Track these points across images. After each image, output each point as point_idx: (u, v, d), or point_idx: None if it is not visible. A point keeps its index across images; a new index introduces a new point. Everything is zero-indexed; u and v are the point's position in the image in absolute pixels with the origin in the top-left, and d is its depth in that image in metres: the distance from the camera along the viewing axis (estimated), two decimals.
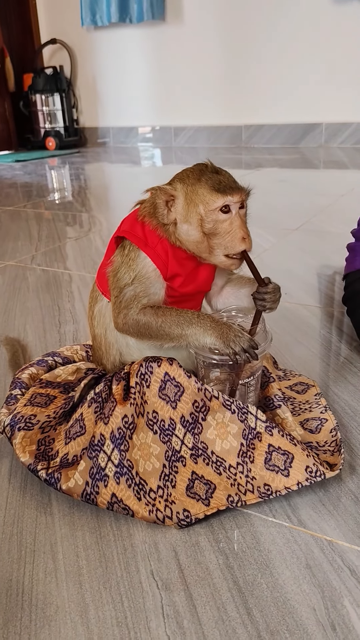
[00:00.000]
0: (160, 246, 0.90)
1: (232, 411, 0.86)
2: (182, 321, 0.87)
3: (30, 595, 0.72)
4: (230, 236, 0.87)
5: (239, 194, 0.87)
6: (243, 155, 4.50)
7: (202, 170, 0.89)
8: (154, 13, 4.94)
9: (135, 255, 0.90)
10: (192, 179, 0.88)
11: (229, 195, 0.86)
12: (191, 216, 0.88)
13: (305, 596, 0.69)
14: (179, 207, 0.89)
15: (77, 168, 4.41)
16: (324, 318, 1.48)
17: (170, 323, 0.87)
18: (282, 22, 4.53)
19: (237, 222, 0.87)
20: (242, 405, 0.87)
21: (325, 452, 0.92)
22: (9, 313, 1.62)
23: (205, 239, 0.88)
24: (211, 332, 0.86)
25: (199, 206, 0.87)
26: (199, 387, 0.86)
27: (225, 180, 0.88)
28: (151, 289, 0.90)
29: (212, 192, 0.86)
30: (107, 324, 0.97)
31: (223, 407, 0.86)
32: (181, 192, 0.89)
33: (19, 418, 0.96)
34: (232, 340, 0.84)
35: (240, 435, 0.86)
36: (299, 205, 2.74)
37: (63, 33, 5.61)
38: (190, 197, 0.88)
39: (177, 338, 0.88)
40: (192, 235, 0.89)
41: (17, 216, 2.86)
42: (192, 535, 0.80)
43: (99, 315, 0.99)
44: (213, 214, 0.87)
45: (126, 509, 0.83)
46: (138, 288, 0.89)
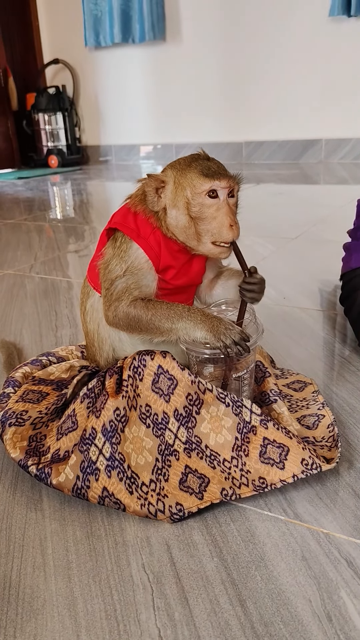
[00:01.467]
0: (152, 237, 0.89)
1: (227, 404, 0.85)
2: (172, 315, 0.86)
3: (17, 589, 0.70)
4: (217, 222, 0.86)
5: (227, 180, 0.87)
6: (244, 171, 4.50)
7: (194, 157, 0.89)
8: (155, 33, 5.02)
9: (127, 246, 0.89)
10: (182, 165, 0.89)
11: (216, 180, 0.86)
12: (179, 200, 0.87)
13: (301, 588, 0.67)
14: (168, 192, 0.88)
15: (78, 184, 4.44)
16: (322, 320, 1.47)
17: (160, 316, 0.86)
18: (280, 40, 4.59)
19: (224, 208, 0.87)
20: (237, 399, 0.85)
21: (322, 447, 0.90)
22: (5, 318, 1.61)
23: (193, 224, 0.87)
24: (201, 326, 0.85)
25: (186, 189, 0.87)
26: (192, 380, 0.85)
27: (214, 167, 0.87)
28: (143, 280, 0.89)
29: (199, 176, 0.86)
30: (99, 319, 0.96)
31: (217, 401, 0.85)
32: (171, 177, 0.88)
33: (10, 414, 0.94)
34: (223, 333, 0.83)
35: (235, 429, 0.84)
36: (298, 216, 2.75)
37: (65, 53, 5.69)
38: (179, 181, 0.87)
39: (167, 332, 0.87)
40: (180, 220, 0.88)
41: (17, 228, 2.87)
42: (185, 529, 0.78)
43: (92, 311, 0.98)
44: (200, 197, 0.86)
45: (117, 503, 0.81)
46: (130, 280, 0.88)
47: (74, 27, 5.51)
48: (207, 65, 4.98)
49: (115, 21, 5.12)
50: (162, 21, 5.03)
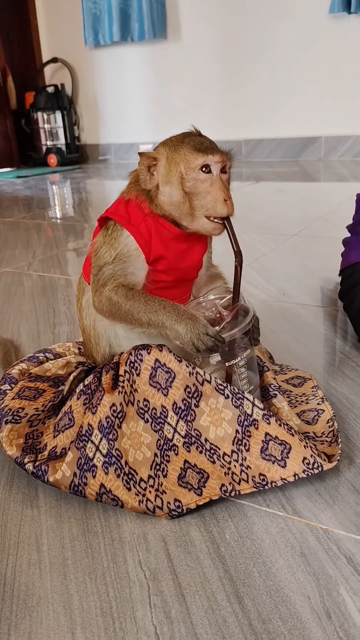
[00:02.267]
0: (143, 224, 0.88)
1: (226, 396, 0.84)
2: (149, 309, 0.85)
3: (12, 586, 0.69)
4: (212, 197, 0.86)
5: (220, 155, 0.86)
6: (243, 169, 4.52)
7: (186, 134, 0.89)
8: (155, 31, 5.01)
9: (118, 234, 0.88)
10: (175, 142, 0.88)
11: (209, 154, 0.85)
12: (172, 176, 0.86)
13: (300, 584, 0.66)
14: (161, 169, 0.88)
15: (77, 183, 4.43)
16: (322, 317, 1.46)
17: (138, 309, 0.85)
18: (280, 37, 4.58)
19: (218, 183, 0.86)
20: (237, 391, 0.84)
21: (322, 442, 0.89)
22: (3, 316, 1.60)
23: (187, 199, 0.86)
24: (176, 327, 0.84)
25: (180, 165, 0.86)
26: (190, 372, 0.84)
27: (207, 142, 0.87)
28: (130, 268, 0.88)
29: (193, 151, 0.86)
30: (95, 315, 0.95)
31: (216, 392, 0.84)
32: (163, 154, 0.88)
33: (6, 411, 0.93)
34: (196, 337, 0.82)
35: (235, 422, 0.83)
36: (298, 213, 2.74)
37: (64, 52, 5.68)
38: (172, 157, 0.87)
39: (145, 325, 0.86)
40: (174, 196, 0.87)
41: (16, 227, 2.86)
42: (182, 525, 0.77)
43: (87, 307, 0.97)
44: (193, 172, 0.86)
45: (115, 499, 0.80)
46: (117, 267, 0.87)
47: (73, 26, 5.50)
48: (206, 63, 4.97)
49: (114, 20, 5.11)
50: (163, 19, 5.01)
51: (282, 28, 4.55)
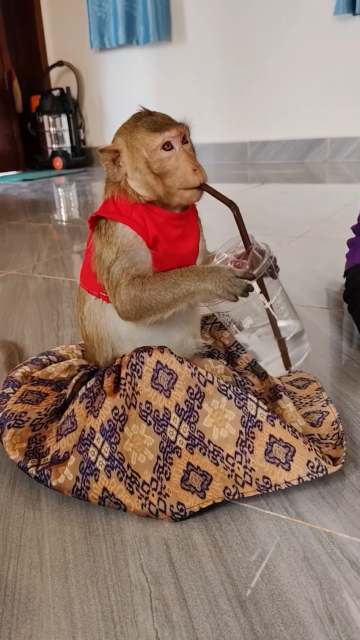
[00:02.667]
0: (135, 213, 0.87)
1: (229, 397, 0.83)
2: (168, 285, 0.83)
3: (13, 589, 0.68)
4: (181, 171, 0.85)
5: (176, 128, 0.85)
6: (249, 171, 4.51)
7: (136, 117, 0.88)
8: (160, 34, 5.02)
9: (113, 229, 0.87)
10: (128, 128, 0.87)
11: (166, 131, 0.84)
12: (138, 162, 0.86)
13: (302, 589, 0.65)
14: (125, 158, 0.87)
15: (83, 186, 4.44)
16: (327, 318, 1.45)
17: (159, 291, 0.83)
18: (285, 39, 4.57)
19: (182, 156, 0.85)
20: (240, 391, 0.84)
21: (327, 445, 0.88)
22: (7, 319, 1.60)
23: (159, 180, 0.86)
24: (203, 286, 0.82)
25: (141, 150, 0.85)
26: (192, 372, 0.84)
27: (159, 120, 0.86)
28: (136, 257, 0.87)
29: (149, 132, 0.85)
30: (97, 320, 0.95)
31: (219, 393, 0.83)
32: (122, 144, 0.87)
33: (9, 415, 0.93)
34: (229, 286, 0.80)
35: (239, 423, 0.83)
36: (303, 215, 2.73)
37: (70, 55, 5.70)
38: (132, 144, 0.86)
39: (173, 303, 0.84)
40: (147, 179, 0.86)
41: (21, 229, 2.87)
42: (184, 529, 0.76)
43: (89, 314, 0.96)
44: (156, 153, 0.85)
45: (118, 503, 0.80)
46: (123, 260, 0.86)
47: (78, 29, 5.52)
48: (211, 66, 4.97)
49: (119, 23, 5.12)
50: (168, 22, 5.02)
51: (286, 30, 4.55)
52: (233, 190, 3.44)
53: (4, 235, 2.76)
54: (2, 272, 2.09)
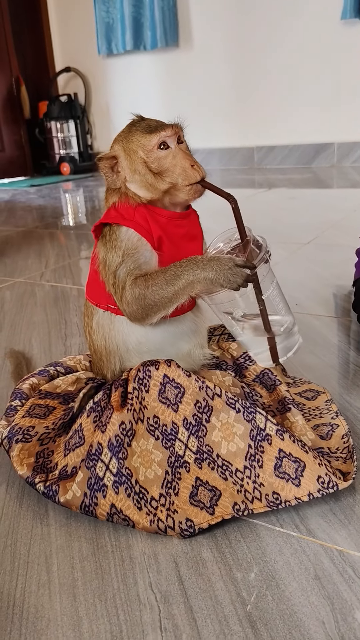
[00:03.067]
0: (137, 215, 0.88)
1: (237, 410, 0.82)
2: (168, 278, 0.83)
3: (21, 608, 0.68)
4: (180, 168, 0.87)
5: (171, 128, 0.87)
6: (256, 176, 4.51)
7: (131, 123, 0.90)
8: (167, 40, 5.03)
9: (117, 234, 0.88)
10: (124, 134, 0.90)
11: (161, 131, 0.87)
12: (136, 164, 0.87)
13: (314, 608, 0.64)
14: (123, 163, 0.89)
15: (90, 191, 4.45)
16: (336, 327, 1.44)
17: (160, 284, 0.84)
18: (291, 44, 4.57)
19: (179, 154, 0.87)
20: (249, 404, 0.83)
21: (337, 459, 0.87)
22: (15, 327, 1.60)
23: (159, 179, 0.87)
24: (203, 275, 0.82)
25: (138, 152, 0.87)
26: (200, 386, 0.83)
27: (154, 123, 0.89)
28: (141, 258, 0.87)
29: (144, 134, 0.87)
30: (107, 333, 0.94)
31: (227, 406, 0.83)
32: (119, 150, 0.89)
33: (17, 430, 0.93)
34: (230, 275, 0.80)
35: (248, 436, 0.82)
36: (310, 221, 2.72)
37: (77, 61, 5.72)
38: (129, 148, 0.88)
39: (176, 297, 0.84)
40: (147, 180, 0.87)
41: (29, 236, 2.87)
42: (194, 546, 0.76)
43: (98, 327, 0.96)
44: (153, 153, 0.87)
45: (126, 519, 0.79)
46: (128, 263, 0.87)
47: (86, 35, 5.54)
48: (218, 71, 4.97)
49: (127, 29, 5.14)
50: (175, 28, 5.03)
51: (293, 35, 4.54)
52: (240, 196, 3.42)
53: (12, 242, 2.76)
54: (9, 280, 2.10)
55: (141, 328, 0.91)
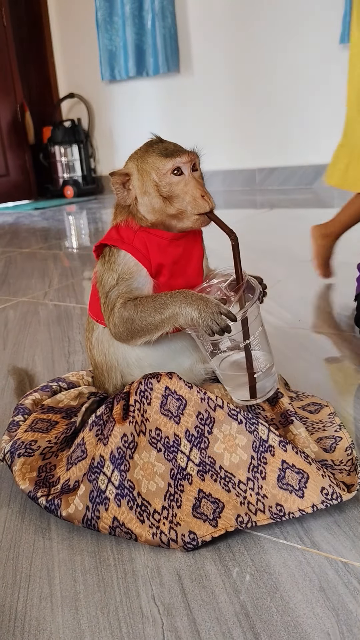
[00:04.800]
0: (137, 240, 0.89)
1: (239, 421, 0.82)
2: (157, 306, 0.84)
3: (23, 621, 0.67)
4: (189, 196, 0.87)
5: (187, 155, 0.88)
6: (257, 197, 4.54)
7: (148, 143, 0.91)
8: (169, 65, 5.12)
9: (115, 257, 0.90)
10: (140, 153, 0.90)
11: (177, 157, 0.87)
12: (148, 186, 0.88)
13: (319, 620, 0.63)
14: (135, 182, 0.89)
15: (94, 213, 4.49)
16: (338, 342, 1.44)
17: (149, 310, 0.85)
18: (290, 68, 4.65)
19: (191, 182, 0.88)
20: (251, 416, 0.83)
21: (341, 471, 0.87)
22: (18, 345, 1.61)
23: (167, 204, 0.88)
24: (187, 311, 0.82)
25: (151, 174, 0.88)
26: (201, 397, 0.83)
27: (171, 147, 0.89)
28: (134, 283, 0.88)
29: (160, 157, 0.88)
30: (106, 349, 0.95)
31: (229, 418, 0.83)
32: (133, 168, 0.90)
33: (19, 444, 0.93)
34: (210, 320, 0.81)
35: (250, 448, 0.81)
36: None
37: (80, 87, 5.83)
38: (142, 168, 0.89)
39: (161, 325, 0.85)
40: (155, 204, 0.88)
41: (32, 257, 2.90)
42: (197, 558, 0.75)
43: (97, 343, 0.97)
44: (166, 177, 0.87)
45: (129, 533, 0.78)
46: (121, 286, 0.88)
47: (89, 62, 5.64)
48: (219, 95, 5.05)
49: (129, 55, 5.24)
50: (177, 54, 5.13)
51: (292, 58, 4.62)
52: (242, 216, 3.46)
53: (16, 263, 2.78)
54: (13, 299, 2.11)
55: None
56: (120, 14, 5.16)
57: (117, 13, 5.18)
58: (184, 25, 5.05)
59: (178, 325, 0.84)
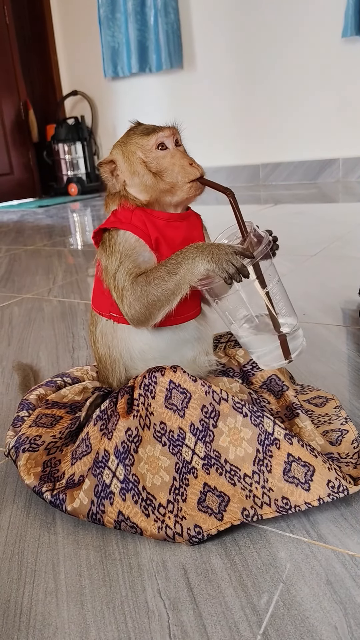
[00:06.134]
0: (135, 218, 0.89)
1: (244, 414, 0.82)
2: (170, 268, 0.83)
3: (28, 616, 0.67)
4: (179, 166, 0.89)
5: (169, 129, 0.91)
6: (261, 192, 4.53)
7: (129, 130, 0.94)
8: (172, 62, 5.10)
9: (115, 239, 0.89)
10: (122, 139, 0.93)
11: (159, 132, 0.90)
12: (135, 165, 0.89)
13: (326, 613, 0.63)
14: (122, 166, 0.90)
15: (98, 210, 4.48)
16: (344, 336, 1.43)
17: (162, 275, 0.83)
18: (293, 63, 4.62)
19: (177, 154, 0.90)
20: (256, 409, 0.82)
21: (347, 464, 0.86)
22: (22, 342, 1.60)
23: (158, 178, 0.88)
24: (201, 259, 0.81)
25: (136, 153, 0.89)
26: (206, 390, 0.82)
27: (151, 126, 0.92)
28: (139, 258, 0.87)
29: (142, 136, 0.90)
30: (109, 342, 0.95)
31: (234, 411, 0.82)
32: (118, 153, 0.91)
33: (24, 439, 0.92)
34: (225, 261, 0.79)
35: (255, 441, 0.81)
36: (317, 234, 2.72)
37: (84, 85, 5.82)
38: (127, 150, 0.90)
39: (178, 288, 0.83)
40: (146, 181, 0.89)
41: (37, 254, 2.89)
42: (203, 552, 0.74)
43: (101, 336, 0.96)
44: (152, 152, 0.89)
45: (134, 527, 0.78)
46: (127, 263, 0.87)
47: (92, 59, 5.64)
48: (222, 90, 5.03)
49: (132, 52, 5.23)
50: (179, 50, 5.11)
51: (295, 53, 4.60)
52: (246, 212, 3.44)
53: (20, 260, 2.78)
54: (18, 296, 2.11)
55: (144, 336, 0.91)
56: (123, 11, 5.14)
57: (120, 9, 5.17)
58: (187, 21, 5.03)
59: (194, 283, 0.82)
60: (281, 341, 0.85)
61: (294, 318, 0.88)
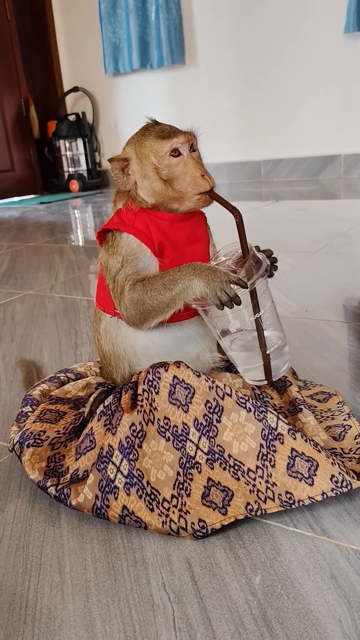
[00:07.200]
0: (138, 221, 0.89)
1: (248, 410, 0.82)
2: (166, 282, 0.84)
3: (34, 609, 0.67)
4: (189, 177, 0.87)
5: (184, 135, 0.88)
6: (263, 189, 4.52)
7: (144, 127, 0.91)
8: (173, 58, 5.09)
9: (117, 240, 0.89)
10: (137, 137, 0.91)
11: (174, 138, 0.87)
12: (147, 169, 0.88)
13: (330, 607, 0.63)
14: (134, 166, 0.89)
15: (99, 207, 4.48)
16: (346, 332, 1.43)
17: (158, 289, 0.84)
18: (295, 59, 4.61)
19: (190, 163, 0.88)
20: (259, 404, 0.82)
21: (350, 459, 0.86)
22: (25, 338, 1.61)
23: (168, 186, 0.88)
24: (196, 282, 0.82)
25: (150, 157, 0.88)
26: (210, 386, 0.83)
27: (167, 128, 0.89)
28: (139, 264, 0.88)
29: (157, 140, 0.88)
30: (113, 339, 0.95)
31: (237, 406, 0.82)
32: (131, 152, 0.90)
33: (28, 435, 0.93)
34: (219, 289, 0.80)
35: (259, 436, 0.81)
36: (319, 231, 2.72)
37: (85, 81, 5.81)
38: (140, 151, 0.89)
39: (172, 301, 0.84)
40: (155, 186, 0.88)
41: (38, 251, 2.90)
42: (207, 546, 0.75)
43: (105, 333, 0.96)
44: (164, 159, 0.87)
45: (138, 521, 0.78)
46: (127, 268, 0.87)
47: (93, 55, 5.63)
48: (224, 87, 5.02)
49: (133, 48, 5.22)
50: (181, 46, 5.10)
51: (297, 49, 4.59)
52: (248, 208, 3.44)
53: (22, 257, 2.79)
54: (20, 292, 2.11)
55: (148, 333, 0.91)
56: (124, 6, 5.13)
57: (121, 5, 5.16)
58: (188, 17, 5.02)
59: (188, 301, 0.83)
60: (265, 363, 0.86)
61: (283, 336, 0.89)
